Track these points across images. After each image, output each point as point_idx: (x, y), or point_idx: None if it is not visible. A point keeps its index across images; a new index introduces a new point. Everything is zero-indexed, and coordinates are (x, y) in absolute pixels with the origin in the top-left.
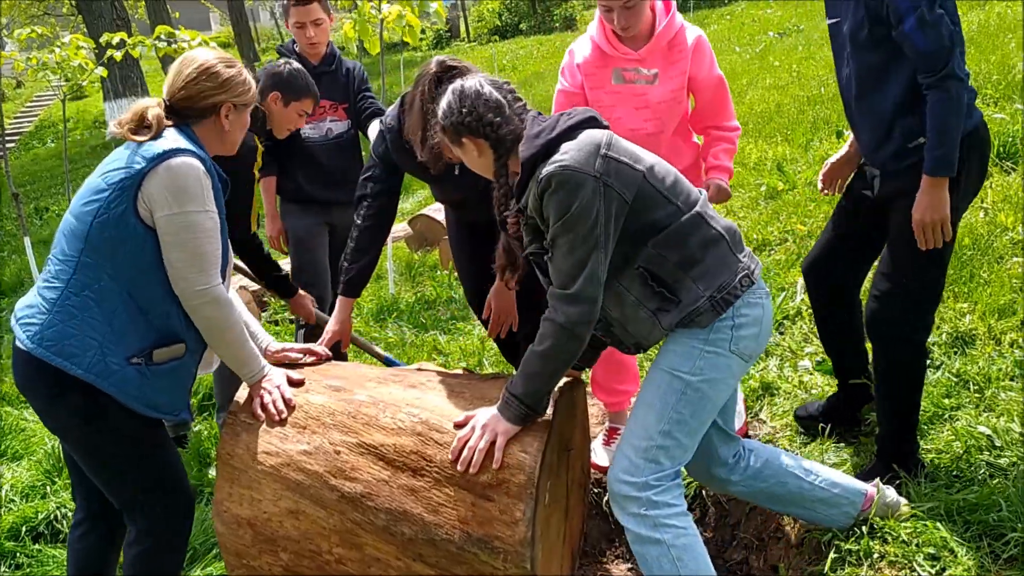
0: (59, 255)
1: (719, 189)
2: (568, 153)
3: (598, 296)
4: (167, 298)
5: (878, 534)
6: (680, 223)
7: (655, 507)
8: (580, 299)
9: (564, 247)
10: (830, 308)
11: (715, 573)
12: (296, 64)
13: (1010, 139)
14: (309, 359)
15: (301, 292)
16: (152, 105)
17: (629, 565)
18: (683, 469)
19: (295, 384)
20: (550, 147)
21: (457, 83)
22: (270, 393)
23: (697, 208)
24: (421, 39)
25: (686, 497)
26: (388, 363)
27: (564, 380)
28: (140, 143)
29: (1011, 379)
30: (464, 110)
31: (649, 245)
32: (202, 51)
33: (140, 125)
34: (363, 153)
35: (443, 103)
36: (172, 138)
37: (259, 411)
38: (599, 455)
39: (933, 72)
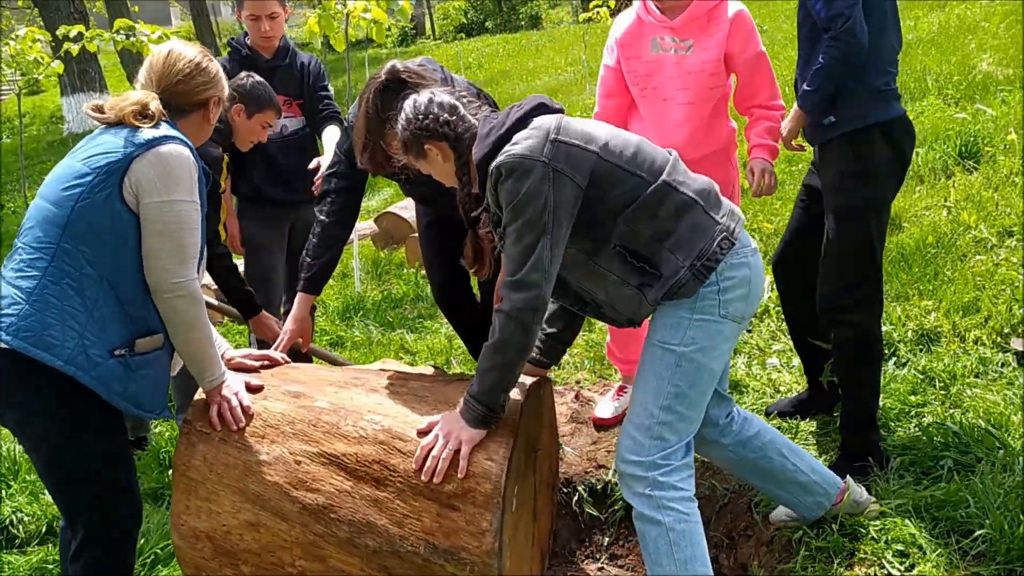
0: (32, 243)
1: (763, 172)
2: (519, 143)
3: (543, 283)
4: (147, 288)
5: (848, 531)
6: (646, 195)
7: (660, 488)
8: (524, 285)
9: (513, 234)
10: (795, 304)
11: (709, 563)
12: (257, 77)
13: (971, 139)
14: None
15: (264, 313)
16: (153, 98)
17: (599, 565)
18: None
19: (254, 390)
20: (501, 142)
21: (409, 98)
22: (228, 401)
23: (664, 176)
24: (387, 36)
25: None
26: None
27: (531, 380)
28: (130, 129)
29: (976, 376)
30: (420, 116)
31: (619, 222)
32: (184, 45)
33: (143, 115)
34: (318, 151)
35: (400, 119)
36: (162, 128)
37: (215, 420)
38: (602, 408)
39: (829, 34)
